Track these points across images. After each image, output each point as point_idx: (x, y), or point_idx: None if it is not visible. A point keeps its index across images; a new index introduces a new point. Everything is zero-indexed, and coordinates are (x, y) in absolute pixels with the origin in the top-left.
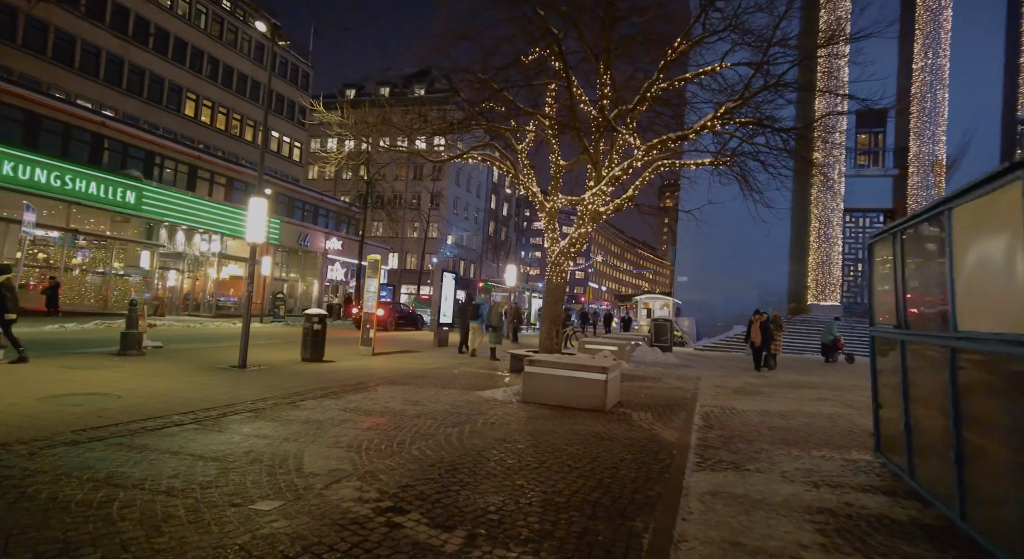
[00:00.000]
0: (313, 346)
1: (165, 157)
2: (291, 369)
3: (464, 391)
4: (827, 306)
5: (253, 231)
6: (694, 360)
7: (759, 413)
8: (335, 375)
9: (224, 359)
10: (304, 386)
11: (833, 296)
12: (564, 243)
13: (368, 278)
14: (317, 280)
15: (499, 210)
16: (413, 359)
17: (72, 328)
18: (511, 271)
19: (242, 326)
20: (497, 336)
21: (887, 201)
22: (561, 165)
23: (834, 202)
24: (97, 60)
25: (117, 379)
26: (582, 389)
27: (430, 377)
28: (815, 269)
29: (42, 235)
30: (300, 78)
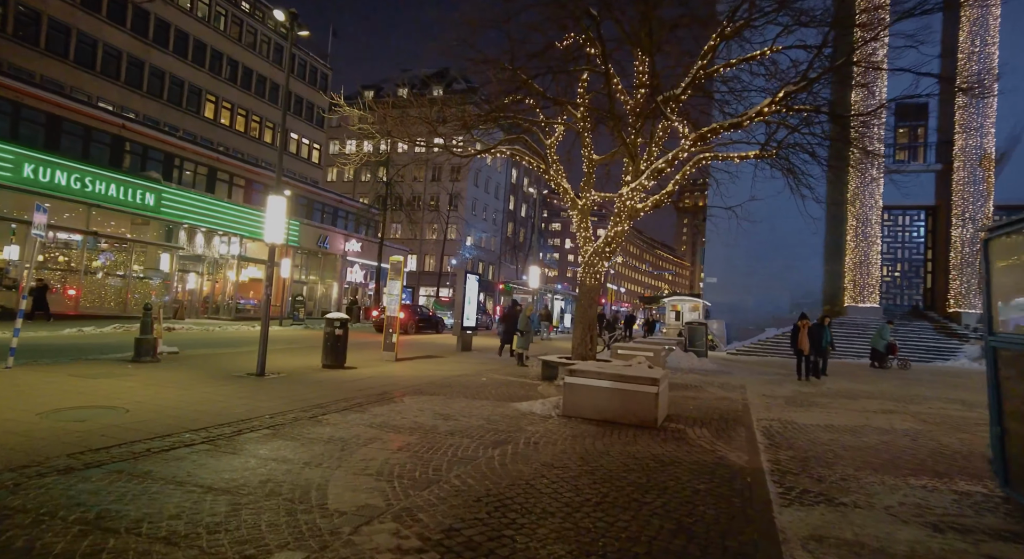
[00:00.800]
0: (334, 352)
1: (184, 159)
2: (312, 377)
3: (497, 403)
4: (865, 308)
5: (272, 231)
6: (730, 365)
7: (824, 428)
8: (358, 384)
9: (242, 366)
10: (326, 397)
11: (872, 298)
12: (599, 242)
13: (390, 280)
14: (336, 282)
15: (517, 211)
16: (437, 365)
17: (90, 332)
18: (534, 272)
19: (261, 330)
20: (525, 341)
21: (929, 198)
22: (594, 160)
23: (872, 199)
24: (118, 63)
25: (128, 389)
26: (631, 402)
27: (457, 386)
28: (852, 269)
29: (51, 237)
30: (319, 79)
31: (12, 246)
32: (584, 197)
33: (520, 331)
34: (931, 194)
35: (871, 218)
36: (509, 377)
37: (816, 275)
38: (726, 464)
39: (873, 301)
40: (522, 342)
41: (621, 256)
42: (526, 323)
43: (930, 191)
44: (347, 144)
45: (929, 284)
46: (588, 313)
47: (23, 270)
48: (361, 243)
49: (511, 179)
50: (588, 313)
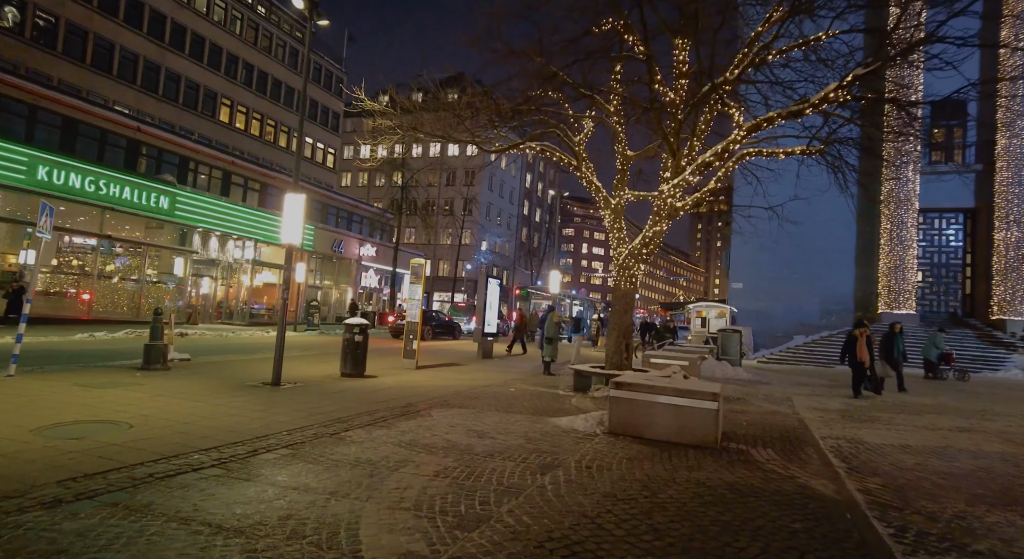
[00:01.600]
0: (354, 360)
1: (199, 162)
2: (330, 386)
3: (533, 417)
4: (901, 315)
5: (289, 231)
6: (764, 375)
7: (901, 449)
8: (380, 394)
9: (256, 374)
10: (347, 410)
11: (908, 304)
12: (636, 242)
13: (411, 284)
14: (351, 287)
15: (531, 216)
16: (460, 374)
17: (102, 337)
18: (554, 277)
19: (276, 337)
20: (552, 349)
21: (968, 200)
22: (628, 156)
23: (908, 201)
24: (135, 66)
25: (134, 401)
26: (688, 420)
27: (486, 397)
28: (887, 275)
29: (68, 241)
30: (334, 84)
31: (28, 251)
32: (618, 196)
33: (547, 338)
34: (970, 196)
35: (906, 221)
36: (538, 388)
37: (847, 281)
38: (812, 495)
39: (909, 307)
40: (549, 350)
41: None
42: (554, 330)
43: (968, 193)
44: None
45: (968, 290)
46: (623, 319)
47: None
48: (376, 248)
49: (525, 183)
50: (623, 319)
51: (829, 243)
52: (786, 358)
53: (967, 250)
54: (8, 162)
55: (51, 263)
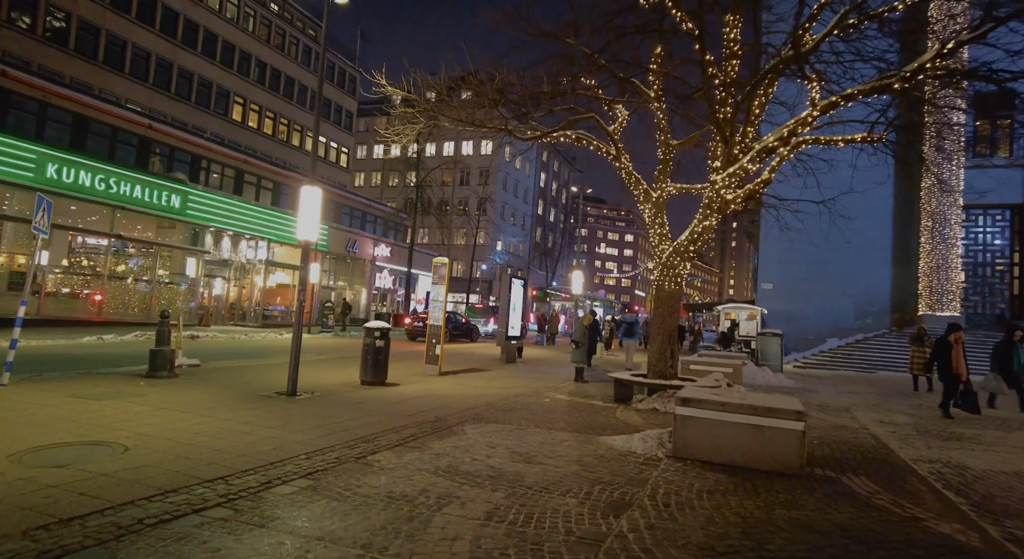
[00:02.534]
0: (375, 366)
1: (211, 161)
2: (351, 396)
3: (580, 436)
4: (945, 317)
5: (305, 227)
6: (807, 381)
7: (1016, 477)
8: (405, 406)
9: (270, 382)
10: (372, 425)
11: (952, 306)
12: (682, 238)
13: (434, 285)
14: (365, 288)
15: (546, 215)
16: (486, 381)
17: (110, 340)
18: (577, 277)
19: (292, 341)
20: (582, 354)
21: (1015, 196)
22: (671, 145)
23: (951, 197)
24: (147, 64)
25: (133, 416)
26: (768, 442)
27: (520, 410)
28: (928, 275)
29: (81, 241)
30: (347, 82)
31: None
32: (659, 189)
33: (575, 342)
34: (1018, 192)
35: (950, 217)
36: (574, 398)
37: (883, 280)
38: (952, 544)
39: (953, 309)
40: (579, 355)
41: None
42: (582, 333)
43: (1016, 188)
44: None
45: (1016, 291)
46: (667, 323)
47: (47, 274)
48: (390, 248)
49: (539, 183)
50: (667, 323)
51: (864, 241)
52: (822, 362)
53: (1014, 248)
54: (16, 159)
55: (62, 263)
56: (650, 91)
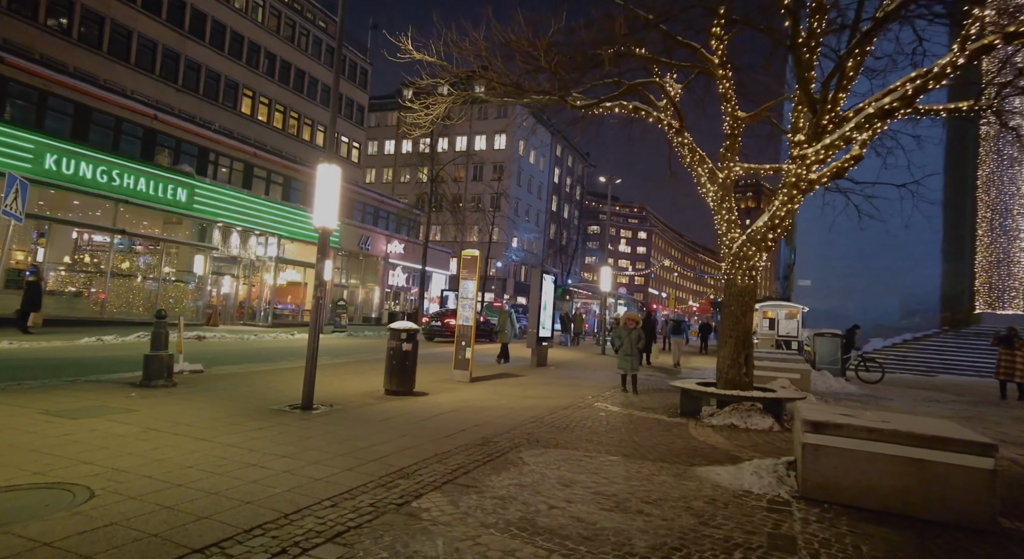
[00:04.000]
0: (401, 373)
1: (220, 154)
2: (375, 410)
3: (670, 467)
4: (1007, 316)
5: (323, 211)
6: (873, 388)
7: None
8: (441, 422)
9: (282, 392)
10: (408, 451)
11: (1015, 303)
12: (759, 223)
13: (463, 280)
14: (378, 286)
15: (560, 212)
16: (522, 388)
17: (110, 341)
18: (606, 273)
19: (308, 344)
20: (630, 361)
21: None
22: (739, 118)
23: (1013, 186)
24: (153, 55)
25: (114, 441)
26: (940, 483)
27: (577, 427)
28: (987, 270)
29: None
30: (358, 75)
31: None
32: (725, 168)
33: (612, 343)
34: None
35: (1011, 208)
36: (631, 411)
37: (932, 276)
38: None
39: (1016, 307)
40: (627, 362)
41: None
42: (626, 337)
43: None
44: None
45: None
46: (741, 324)
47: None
48: (404, 244)
49: (553, 179)
50: (741, 324)
51: (911, 234)
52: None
53: None
54: (13, 149)
55: (63, 260)
56: (713, 56)
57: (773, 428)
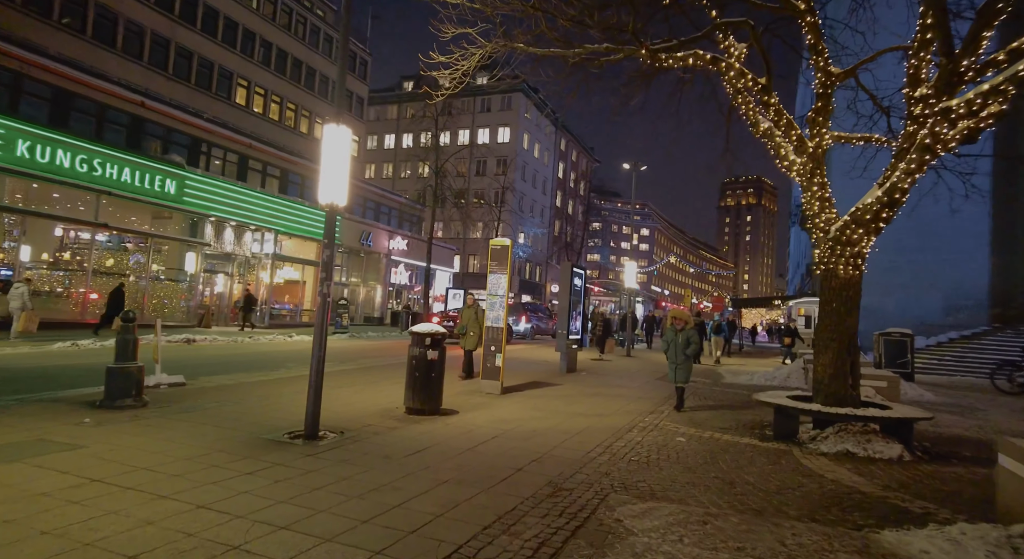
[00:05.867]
0: (426, 388)
1: (212, 144)
2: (399, 438)
3: (839, 535)
4: None
5: (330, 187)
6: (946, 394)
7: None
8: (487, 456)
9: (280, 412)
10: (458, 513)
11: None
12: (870, 199)
13: (491, 275)
14: (380, 284)
15: (565, 208)
16: (565, 403)
17: (86, 346)
18: (630, 268)
19: (313, 351)
20: (686, 371)
21: None
22: (832, 74)
23: None
24: (141, 40)
25: (35, 501)
26: None
27: (666, 463)
28: None
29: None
30: (357, 66)
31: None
32: (816, 135)
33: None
34: None
35: None
36: (712, 433)
37: (980, 270)
38: None
39: None
40: (684, 373)
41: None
42: (677, 342)
43: None
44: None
45: None
46: (845, 324)
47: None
48: (407, 241)
49: (558, 174)
50: (845, 324)
51: (955, 224)
52: (921, 366)
53: None
54: None
55: (42, 257)
56: (799, 1)
57: (903, 457)
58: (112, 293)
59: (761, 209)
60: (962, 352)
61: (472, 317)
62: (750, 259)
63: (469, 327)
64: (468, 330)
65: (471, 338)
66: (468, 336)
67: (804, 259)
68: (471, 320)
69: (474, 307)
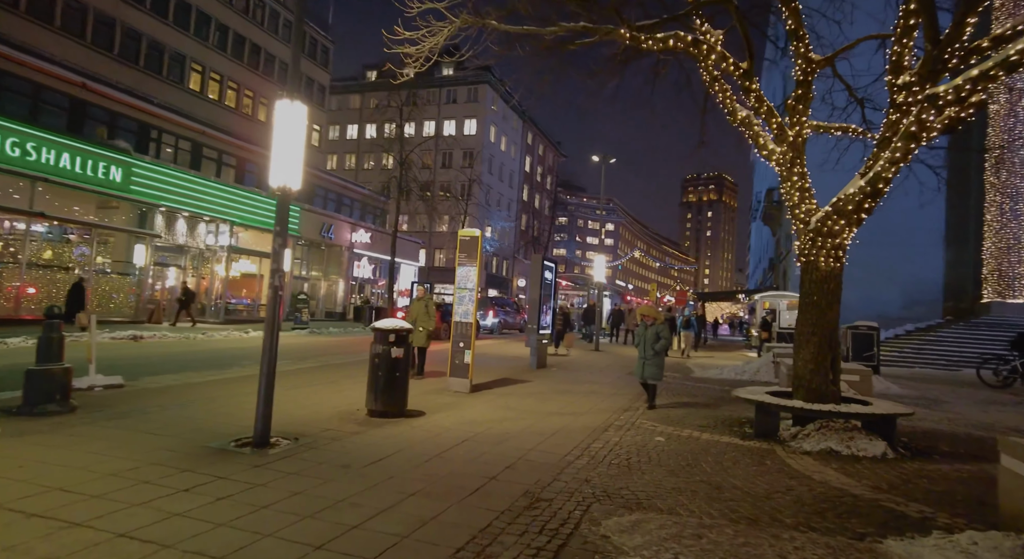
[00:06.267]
0: (390, 388)
1: (163, 131)
2: (360, 444)
3: (842, 546)
4: (1016, 305)
5: (283, 168)
6: (911, 385)
7: None
8: (456, 463)
9: (227, 418)
10: (426, 533)
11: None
12: (852, 190)
13: (460, 267)
14: (342, 278)
15: (532, 202)
16: (538, 401)
17: (16, 345)
18: (600, 262)
19: (264, 351)
20: (657, 367)
21: None
22: (813, 61)
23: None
24: (83, 18)
25: None
26: None
27: (648, 466)
28: (996, 256)
29: None
30: (319, 53)
31: None
32: (796, 124)
33: (638, 345)
34: None
35: (1022, 191)
36: (691, 431)
37: (935, 265)
38: None
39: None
40: (654, 369)
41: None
42: (649, 337)
43: None
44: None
45: None
46: (826, 318)
47: None
48: (370, 233)
49: (525, 167)
50: (826, 318)
51: (911, 220)
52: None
53: None
54: None
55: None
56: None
57: (887, 455)
58: (72, 289)
59: (722, 205)
60: (919, 344)
61: (422, 311)
62: (711, 254)
63: (419, 322)
64: (418, 325)
65: (420, 334)
66: (418, 332)
67: (766, 253)
68: (421, 314)
69: (424, 300)
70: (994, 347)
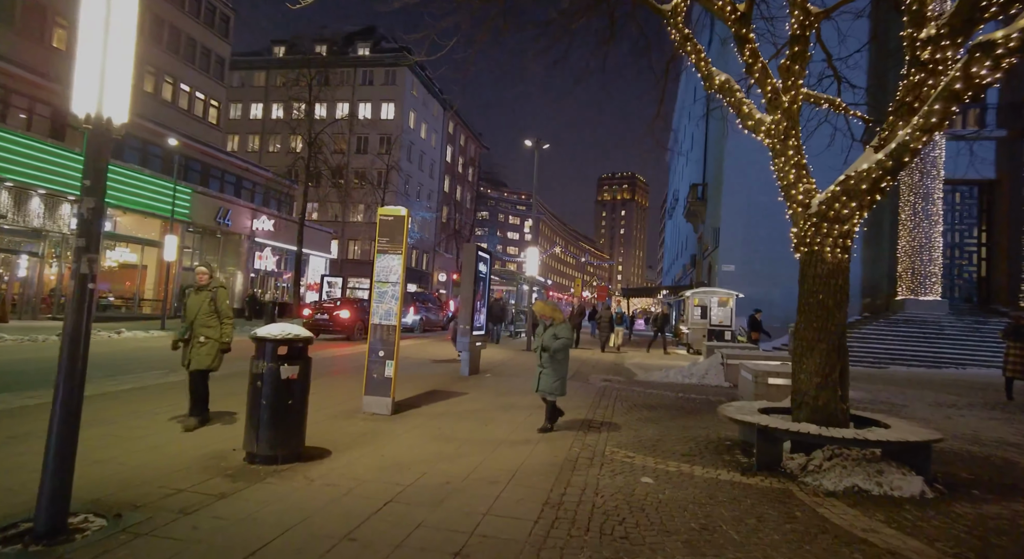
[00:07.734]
0: (277, 422)
1: (12, 91)
2: (223, 518)
3: None
4: (928, 302)
5: (92, 84)
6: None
7: None
8: (377, 549)
9: (17, 478)
10: None
11: (934, 289)
12: (866, 165)
13: (380, 254)
14: (241, 271)
15: (453, 194)
16: (479, 422)
17: None
18: (532, 256)
19: (58, 376)
20: (552, 378)
21: (988, 171)
22: (811, 14)
23: (935, 169)
24: None
25: None
26: None
27: (645, 530)
28: (910, 255)
29: None
30: (217, 22)
31: None
32: (792, 88)
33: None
34: (990, 166)
35: (932, 193)
36: (679, 465)
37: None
38: None
39: (935, 293)
40: (546, 379)
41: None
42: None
43: (989, 163)
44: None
45: (983, 273)
46: (834, 321)
47: None
48: (274, 221)
49: (446, 158)
50: (834, 321)
51: None
52: None
53: (982, 228)
54: None
55: None
56: None
57: (925, 494)
58: None
59: (635, 204)
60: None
61: (206, 309)
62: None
63: (198, 328)
64: (197, 333)
65: (204, 348)
66: (198, 344)
67: (684, 249)
68: (204, 314)
69: (212, 292)
70: (915, 344)
